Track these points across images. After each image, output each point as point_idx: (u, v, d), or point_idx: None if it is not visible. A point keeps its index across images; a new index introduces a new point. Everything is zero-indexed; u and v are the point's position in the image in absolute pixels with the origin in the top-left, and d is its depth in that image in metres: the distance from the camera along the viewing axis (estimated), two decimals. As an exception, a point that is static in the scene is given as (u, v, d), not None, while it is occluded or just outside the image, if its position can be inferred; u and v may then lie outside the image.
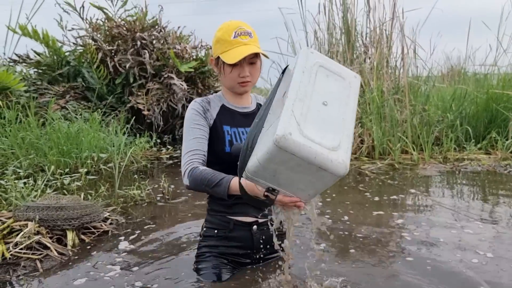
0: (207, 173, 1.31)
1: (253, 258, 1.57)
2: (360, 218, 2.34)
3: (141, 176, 3.69)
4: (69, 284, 1.61)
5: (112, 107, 5.91)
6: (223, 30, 1.42)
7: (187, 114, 1.48)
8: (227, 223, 1.51)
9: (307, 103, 1.00)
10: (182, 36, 6.80)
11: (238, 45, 1.39)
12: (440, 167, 3.78)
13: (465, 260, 1.69)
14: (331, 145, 0.98)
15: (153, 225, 2.37)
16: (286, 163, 0.99)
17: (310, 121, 0.98)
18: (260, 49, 1.41)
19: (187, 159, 1.38)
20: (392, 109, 4.33)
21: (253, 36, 1.42)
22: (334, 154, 0.97)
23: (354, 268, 1.65)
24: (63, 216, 2.11)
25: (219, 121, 1.48)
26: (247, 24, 1.44)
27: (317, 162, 0.96)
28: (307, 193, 1.09)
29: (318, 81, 1.06)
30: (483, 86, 4.71)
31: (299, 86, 1.03)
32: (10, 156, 3.81)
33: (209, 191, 1.31)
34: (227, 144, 1.45)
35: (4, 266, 1.81)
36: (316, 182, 1.03)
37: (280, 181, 1.06)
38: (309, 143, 0.95)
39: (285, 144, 0.94)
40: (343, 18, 4.67)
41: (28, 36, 5.68)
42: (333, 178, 1.00)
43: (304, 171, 1.00)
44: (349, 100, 1.08)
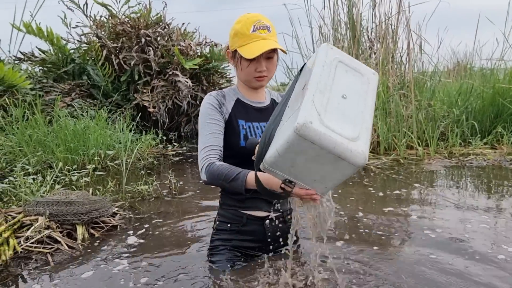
0: (224, 168, 1.32)
1: (265, 251, 1.58)
2: (368, 213, 2.35)
3: (148, 172, 3.71)
4: (79, 277, 1.64)
5: (117, 105, 5.94)
6: (242, 23, 1.40)
7: (202, 108, 1.47)
8: (240, 218, 1.52)
9: (327, 95, 1.01)
10: (187, 33, 6.81)
11: (257, 39, 1.37)
12: (445, 162, 3.77)
13: (489, 257, 1.70)
14: (351, 135, 0.98)
15: (161, 219, 2.39)
16: (305, 152, 0.99)
17: (330, 112, 0.99)
18: (278, 44, 1.40)
19: (204, 155, 1.38)
20: (398, 104, 4.31)
21: (272, 30, 1.41)
22: (353, 145, 0.97)
23: (364, 264, 1.66)
24: (73, 211, 2.13)
25: (234, 115, 1.48)
26: (266, 18, 1.43)
27: (336, 151, 0.96)
28: (324, 185, 1.08)
29: (338, 75, 1.07)
30: (490, 80, 4.68)
31: (319, 79, 1.04)
32: (18, 153, 3.85)
33: (226, 185, 1.31)
34: (242, 138, 1.45)
35: (16, 259, 1.84)
36: (334, 173, 1.03)
37: (297, 172, 1.05)
38: (329, 133, 0.95)
39: (306, 132, 0.94)
40: (348, 13, 4.65)
41: (32, 34, 5.70)
42: (351, 168, 1.00)
43: (322, 161, 1.00)
44: (368, 96, 1.09)
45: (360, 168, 1.01)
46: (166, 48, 6.14)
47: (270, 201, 1.53)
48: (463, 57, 6.51)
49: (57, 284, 1.59)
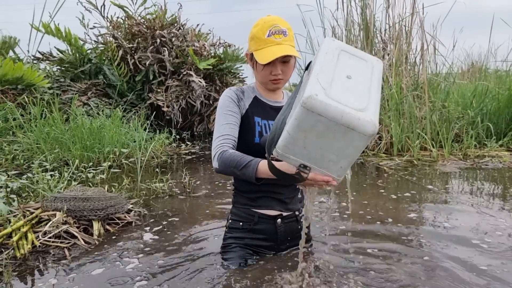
0: (236, 155, 1.32)
1: (277, 250, 1.61)
2: (382, 214, 2.35)
3: (162, 170, 3.77)
4: (95, 271, 1.69)
5: (132, 104, 6.04)
6: (259, 27, 1.41)
7: (221, 101, 1.49)
8: (252, 216, 1.54)
9: (331, 75, 1.02)
10: (201, 34, 6.87)
11: (271, 44, 1.38)
12: (460, 164, 3.72)
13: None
14: (358, 106, 0.98)
15: (175, 217, 2.43)
16: (314, 128, 0.99)
17: (335, 88, 1.00)
18: (292, 50, 1.40)
19: (217, 143, 1.39)
20: (411, 105, 4.28)
21: (288, 34, 1.41)
22: (361, 114, 0.97)
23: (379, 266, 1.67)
24: (89, 207, 2.19)
25: (251, 111, 1.50)
26: (283, 21, 1.43)
27: (344, 121, 0.96)
28: (339, 165, 1.06)
29: (341, 60, 1.09)
30: (505, 82, 4.60)
31: (323, 63, 1.05)
32: (35, 150, 3.95)
33: (238, 173, 1.31)
34: (257, 135, 1.47)
35: (34, 253, 1.90)
36: (346, 148, 1.01)
37: (311, 154, 1.05)
38: (336, 103, 0.96)
39: (312, 104, 0.95)
40: (362, 14, 4.63)
41: (51, 34, 5.85)
42: (362, 139, 0.98)
43: (333, 136, 0.99)
44: (373, 77, 1.10)
45: (372, 139, 0.99)
46: (181, 49, 6.22)
47: (282, 200, 1.55)
48: (478, 59, 6.41)
49: (74, 277, 1.64)
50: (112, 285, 1.55)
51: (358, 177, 3.37)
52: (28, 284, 1.62)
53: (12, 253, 1.86)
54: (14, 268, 1.75)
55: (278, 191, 1.54)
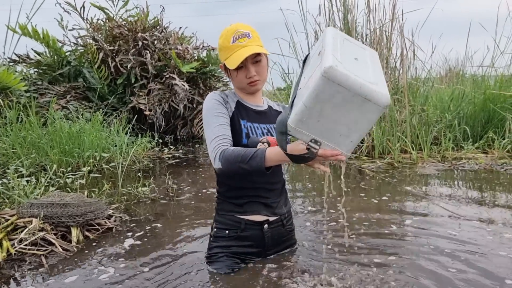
0: (240, 149, 1.30)
1: (264, 256, 1.60)
2: (363, 216, 2.37)
3: (144, 175, 3.71)
4: (73, 280, 1.64)
5: (113, 107, 5.94)
6: (223, 37, 1.45)
7: (208, 104, 1.47)
8: (238, 223, 1.52)
9: (341, 56, 1.06)
10: (184, 37, 6.84)
11: (237, 49, 1.41)
12: (438, 166, 3.81)
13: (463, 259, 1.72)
14: (372, 80, 1.03)
15: (158, 222, 2.39)
16: (332, 98, 1.01)
17: (348, 64, 1.04)
18: (259, 48, 1.42)
19: (215, 144, 1.36)
20: (392, 109, 4.36)
21: (252, 36, 1.44)
22: (376, 86, 1.02)
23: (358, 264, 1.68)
24: (68, 213, 2.13)
25: (237, 114, 1.50)
26: (245, 25, 1.47)
27: (362, 91, 0.99)
28: (350, 139, 1.09)
29: (346, 45, 1.15)
30: (481, 86, 4.75)
31: (333, 44, 1.09)
32: (11, 155, 3.83)
33: (244, 167, 1.27)
34: (244, 136, 1.47)
35: (9, 261, 1.84)
36: (360, 120, 1.05)
37: (323, 128, 1.07)
38: (354, 75, 1.00)
39: (333, 73, 0.98)
40: (344, 19, 4.71)
41: (28, 35, 5.70)
42: (376, 111, 1.02)
43: (349, 107, 1.02)
44: (375, 62, 1.17)
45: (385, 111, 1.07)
46: (163, 52, 6.17)
47: (268, 205, 1.54)
48: (455, 64, 6.61)
49: (51, 286, 1.59)
50: (92, 293, 1.51)
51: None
52: (2, 294, 1.56)
53: (-15, 262, 1.79)
54: (-12, 278, 1.68)
55: (265, 195, 1.54)
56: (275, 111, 1.63)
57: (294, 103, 1.12)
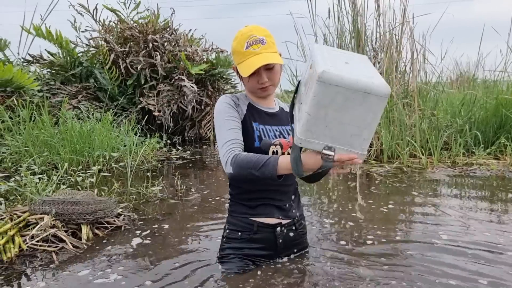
0: (252, 156, 1.30)
1: (276, 258, 1.60)
2: (370, 221, 2.36)
3: (153, 174, 3.75)
4: (83, 276, 1.66)
5: (123, 108, 6.01)
6: (237, 41, 1.42)
7: (219, 107, 1.47)
8: (251, 226, 1.52)
9: (333, 61, 1.09)
10: (193, 39, 6.89)
11: (250, 56, 1.39)
12: (448, 171, 3.77)
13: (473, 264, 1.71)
14: (366, 75, 1.06)
15: (166, 221, 2.41)
16: (333, 101, 1.04)
17: (339, 67, 1.07)
18: (272, 56, 1.40)
19: (226, 149, 1.35)
20: (401, 113, 4.33)
21: (266, 42, 1.40)
22: (372, 79, 1.04)
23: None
24: (78, 211, 2.16)
25: (249, 117, 1.50)
26: (260, 29, 1.43)
27: (360, 86, 1.02)
28: (362, 137, 1.09)
29: (334, 54, 1.18)
30: (493, 91, 4.70)
31: (321, 54, 1.13)
32: (24, 153, 3.89)
33: (256, 173, 1.26)
34: (257, 139, 1.46)
35: (21, 257, 1.87)
36: (366, 115, 1.06)
37: (333, 132, 1.08)
38: (348, 74, 1.03)
39: (328, 76, 1.01)
40: (353, 23, 4.70)
41: (42, 37, 5.81)
42: (379, 101, 1.04)
43: (352, 105, 1.04)
44: (366, 62, 1.19)
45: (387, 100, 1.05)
46: (173, 54, 6.22)
47: (281, 208, 1.54)
48: (466, 68, 6.54)
49: (60, 282, 1.61)
50: (101, 289, 1.53)
51: (350, 183, 3.40)
52: (14, 287, 1.59)
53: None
54: (1, 272, 1.71)
55: (278, 197, 1.54)
56: (286, 113, 1.62)
57: (298, 118, 1.15)
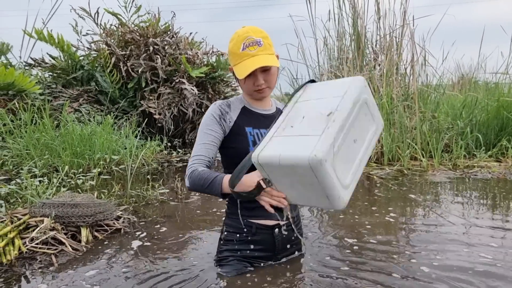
0: (204, 173, 1.35)
1: (274, 260, 1.60)
2: (370, 224, 2.36)
3: (153, 177, 3.75)
4: (82, 279, 1.66)
5: (124, 111, 6.02)
6: (234, 42, 1.41)
7: (204, 117, 1.49)
8: (250, 227, 1.52)
9: (344, 137, 1.09)
10: (194, 42, 6.90)
11: (247, 57, 1.37)
12: (449, 174, 3.76)
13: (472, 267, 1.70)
14: (345, 183, 1.09)
15: (166, 224, 2.41)
16: (303, 177, 1.06)
17: (340, 156, 1.07)
18: (269, 59, 1.38)
19: (190, 163, 1.42)
20: (402, 115, 4.33)
21: (263, 43, 1.38)
22: (343, 192, 1.08)
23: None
24: (78, 213, 2.16)
25: (241, 122, 1.49)
26: (257, 30, 1.41)
27: (329, 192, 1.05)
28: (297, 201, 1.17)
29: (359, 118, 1.15)
30: (494, 94, 4.69)
31: (347, 117, 1.09)
32: (25, 156, 3.90)
33: (206, 191, 1.33)
34: (251, 144, 1.46)
35: (20, 259, 1.87)
36: (311, 200, 1.13)
37: (282, 183, 1.13)
38: (334, 176, 1.05)
39: (317, 167, 1.01)
40: (353, 25, 4.71)
41: (43, 40, 5.83)
42: (329, 206, 1.10)
43: (311, 190, 1.08)
44: (371, 144, 1.20)
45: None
46: (174, 57, 6.23)
47: (279, 209, 1.53)
48: (467, 71, 6.53)
49: (60, 284, 1.61)
50: (100, 292, 1.53)
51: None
52: (13, 290, 1.58)
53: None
54: (0, 275, 1.71)
55: None
56: None
57: (271, 140, 1.17)
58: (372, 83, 4.56)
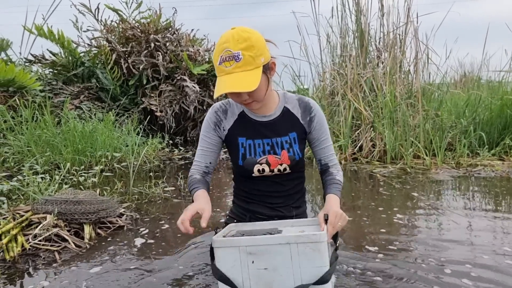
0: (192, 181, 1.41)
1: None
2: (373, 223, 2.34)
3: (155, 175, 3.73)
4: (86, 275, 1.64)
5: (125, 108, 5.99)
6: (215, 50, 1.25)
7: (204, 121, 1.48)
8: (244, 216, 1.55)
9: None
10: (195, 39, 6.87)
11: (221, 74, 1.22)
12: (452, 172, 3.74)
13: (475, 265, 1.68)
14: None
15: (168, 221, 2.39)
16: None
17: None
18: (243, 82, 1.19)
19: (191, 168, 1.48)
20: (405, 113, 4.31)
21: (242, 57, 1.18)
22: None
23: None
24: (81, 210, 2.14)
25: (235, 132, 1.44)
26: (240, 38, 1.19)
27: None
28: None
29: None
30: (498, 92, 4.67)
31: None
32: (26, 153, 3.88)
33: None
34: (240, 157, 1.42)
35: (23, 256, 1.85)
36: None
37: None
38: None
39: None
40: (357, 22, 4.69)
41: (44, 36, 5.80)
42: None
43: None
44: None
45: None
46: (175, 53, 6.20)
47: (275, 208, 1.52)
48: (470, 69, 6.51)
49: (64, 281, 1.59)
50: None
51: (351, 184, 3.37)
52: (17, 286, 1.57)
53: (1, 256, 1.81)
54: (3, 271, 1.70)
55: (271, 201, 1.52)
56: (288, 117, 1.45)
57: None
58: (375, 81, 4.53)
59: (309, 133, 1.47)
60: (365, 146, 4.39)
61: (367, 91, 4.53)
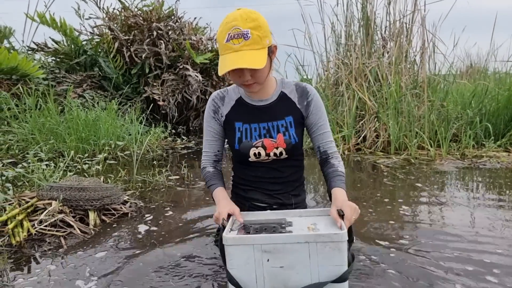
0: (207, 176, 1.50)
1: None
2: (377, 214, 2.33)
3: (159, 163, 3.73)
4: (92, 260, 1.65)
5: (127, 97, 5.97)
6: (221, 28, 1.24)
7: (205, 113, 1.53)
8: (243, 205, 1.53)
9: None
10: (198, 28, 6.81)
11: (228, 52, 1.21)
12: (457, 163, 3.72)
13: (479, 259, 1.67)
14: None
15: (173, 208, 2.39)
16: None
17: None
18: (252, 59, 1.20)
19: (202, 159, 1.55)
20: (410, 104, 4.27)
21: (250, 36, 1.19)
22: None
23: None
24: (85, 197, 2.14)
25: (232, 117, 1.46)
26: (248, 17, 1.21)
27: None
28: None
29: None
30: (505, 83, 4.61)
31: None
32: (30, 140, 3.88)
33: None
34: (237, 141, 1.44)
35: (29, 241, 1.86)
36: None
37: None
38: None
39: None
40: (362, 10, 4.62)
41: (46, 24, 5.75)
42: None
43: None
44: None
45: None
46: (177, 42, 6.15)
47: (273, 196, 1.53)
48: (477, 59, 6.43)
49: (70, 265, 1.60)
50: (109, 273, 1.51)
51: (354, 174, 3.36)
52: (24, 271, 1.58)
53: (7, 241, 1.82)
54: (10, 255, 1.70)
55: (269, 188, 1.52)
56: (285, 101, 1.45)
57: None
58: (380, 70, 4.48)
59: (306, 118, 1.45)
60: (369, 137, 4.36)
61: (371, 81, 4.48)
